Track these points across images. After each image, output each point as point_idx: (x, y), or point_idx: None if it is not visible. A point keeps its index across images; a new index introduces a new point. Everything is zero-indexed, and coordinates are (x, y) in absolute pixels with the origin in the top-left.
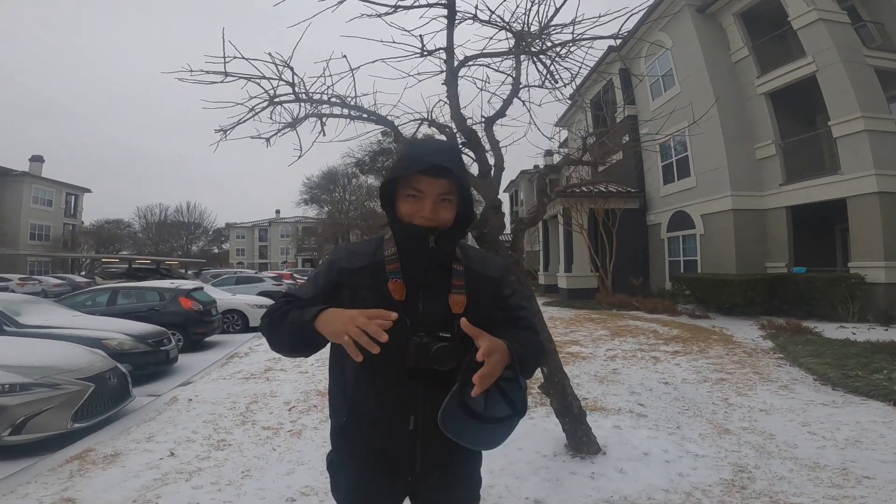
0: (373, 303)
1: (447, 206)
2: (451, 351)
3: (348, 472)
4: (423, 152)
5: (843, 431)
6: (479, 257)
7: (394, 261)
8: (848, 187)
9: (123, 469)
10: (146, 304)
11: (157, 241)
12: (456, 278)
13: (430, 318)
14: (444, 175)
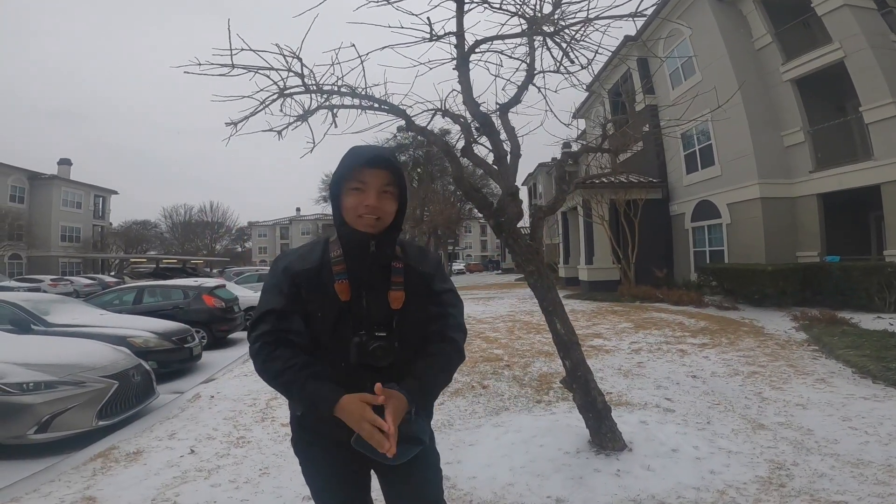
0: (320, 303)
1: (389, 197)
2: (387, 349)
3: (311, 455)
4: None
5: (887, 426)
6: (417, 253)
7: (339, 262)
8: (881, 173)
9: (145, 467)
10: (171, 303)
11: (182, 241)
12: (395, 276)
13: (373, 315)
14: (384, 167)
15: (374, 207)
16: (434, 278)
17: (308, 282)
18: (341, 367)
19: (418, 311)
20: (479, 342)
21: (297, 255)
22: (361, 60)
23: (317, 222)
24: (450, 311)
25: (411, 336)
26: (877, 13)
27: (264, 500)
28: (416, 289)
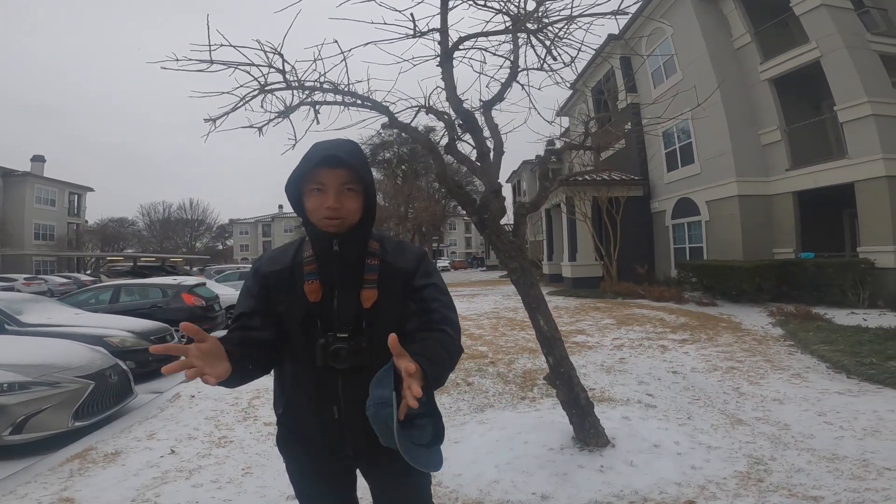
0: (289, 304)
1: (351, 195)
2: (350, 350)
3: (294, 453)
4: (322, 148)
5: (861, 421)
6: (395, 248)
7: (311, 262)
8: (856, 172)
9: (123, 468)
10: (149, 301)
11: (161, 239)
12: (368, 273)
13: (343, 315)
14: (342, 165)
15: (335, 209)
16: (414, 274)
17: (277, 283)
18: (311, 370)
19: (393, 309)
20: (463, 339)
21: (269, 256)
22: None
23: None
24: (433, 305)
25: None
26: (853, 13)
27: (247, 500)
28: (392, 286)
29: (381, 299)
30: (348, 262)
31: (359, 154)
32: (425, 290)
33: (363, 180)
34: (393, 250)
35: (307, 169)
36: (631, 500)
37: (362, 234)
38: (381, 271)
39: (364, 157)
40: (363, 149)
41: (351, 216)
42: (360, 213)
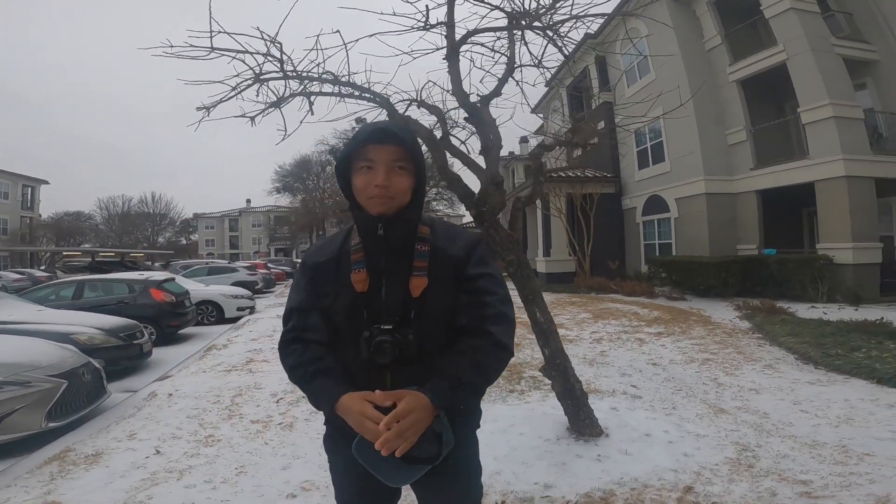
0: (335, 296)
1: (401, 173)
2: (395, 343)
3: (340, 454)
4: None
5: (834, 409)
6: (447, 234)
7: (358, 250)
8: (816, 171)
9: (108, 469)
10: (115, 297)
11: (120, 234)
12: (418, 260)
13: (390, 305)
14: (392, 141)
15: (383, 186)
16: (466, 261)
17: (324, 274)
18: (356, 365)
19: (443, 299)
20: None
21: (317, 246)
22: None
23: (268, 214)
24: (485, 298)
25: (435, 328)
26: (820, 16)
27: (245, 500)
28: (443, 274)
29: (431, 288)
30: (396, 247)
31: (411, 132)
32: (479, 281)
33: (414, 158)
34: (444, 235)
35: (356, 146)
36: (632, 486)
37: (410, 217)
38: (432, 258)
39: (416, 137)
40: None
41: (401, 196)
42: (409, 194)
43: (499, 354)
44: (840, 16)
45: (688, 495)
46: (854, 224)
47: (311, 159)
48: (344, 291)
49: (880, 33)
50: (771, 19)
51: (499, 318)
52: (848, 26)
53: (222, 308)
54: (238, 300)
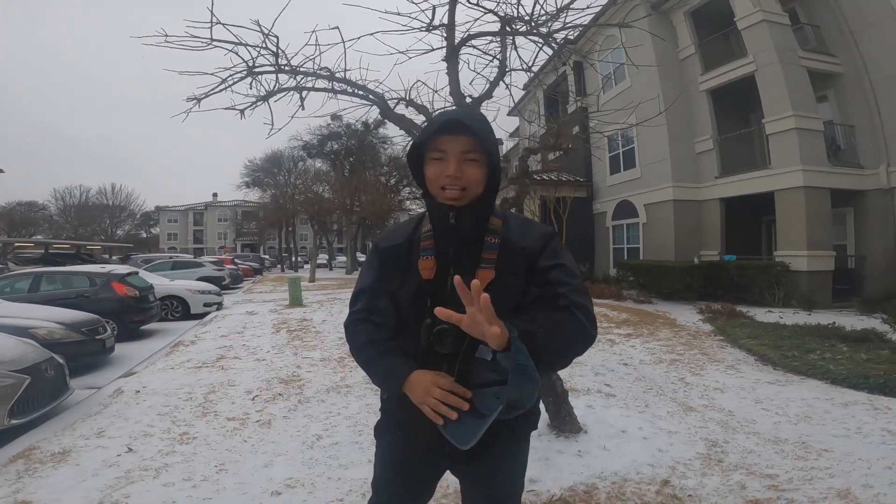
0: (401, 281)
1: (473, 165)
2: (452, 334)
3: (387, 441)
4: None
5: (793, 408)
6: (520, 226)
7: (428, 237)
8: (777, 181)
9: (78, 467)
10: (74, 290)
11: (76, 225)
12: (487, 252)
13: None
14: (464, 132)
15: (455, 178)
16: (539, 254)
17: (393, 259)
18: (416, 352)
19: (510, 293)
20: None
21: (390, 231)
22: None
23: (236, 209)
24: (559, 290)
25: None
26: (789, 29)
27: (228, 498)
28: (513, 267)
29: (498, 281)
30: (466, 237)
31: (483, 122)
32: (551, 273)
33: (487, 150)
34: (517, 228)
35: (428, 136)
36: (612, 480)
37: (483, 209)
38: (502, 250)
39: (489, 126)
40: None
41: (473, 187)
42: (482, 186)
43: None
44: (808, 28)
45: (665, 488)
46: (810, 233)
47: (284, 154)
48: (411, 277)
49: (845, 46)
50: (743, 30)
51: (575, 305)
52: (815, 39)
53: (188, 303)
54: (205, 296)
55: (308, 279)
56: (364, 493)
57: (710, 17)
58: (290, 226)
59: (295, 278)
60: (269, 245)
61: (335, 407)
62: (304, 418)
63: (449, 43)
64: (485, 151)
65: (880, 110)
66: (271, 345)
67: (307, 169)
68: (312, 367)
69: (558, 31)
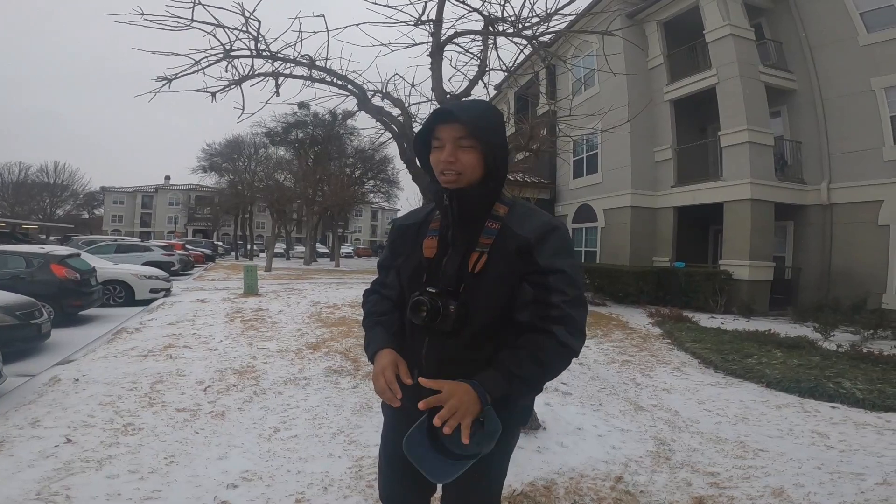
0: (406, 257)
1: (467, 150)
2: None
3: (386, 414)
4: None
5: (732, 409)
6: (521, 214)
7: (437, 219)
8: (726, 193)
9: (12, 458)
10: (8, 272)
11: (13, 203)
12: (485, 236)
13: (446, 273)
14: (453, 120)
15: (449, 162)
16: (537, 248)
17: (405, 236)
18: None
19: (499, 279)
20: None
21: (412, 210)
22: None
23: (189, 193)
24: (552, 298)
25: (484, 306)
26: (753, 44)
27: (180, 491)
28: (505, 254)
29: (490, 266)
30: (465, 220)
31: (480, 112)
32: (548, 278)
33: (477, 136)
34: (520, 216)
35: (429, 126)
36: (570, 476)
37: (480, 193)
38: (499, 236)
39: (487, 116)
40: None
41: (469, 172)
42: (478, 171)
43: (560, 352)
44: (771, 44)
45: (619, 484)
46: (753, 243)
47: (245, 140)
48: (414, 255)
49: (803, 63)
50: (710, 43)
51: (564, 319)
52: (776, 54)
53: (133, 289)
54: (152, 281)
55: (264, 268)
56: (325, 486)
57: (680, 28)
58: (248, 213)
59: (251, 266)
60: (223, 232)
61: (293, 399)
62: (260, 410)
63: (435, 39)
64: (475, 137)
65: (827, 128)
66: (224, 334)
67: (269, 156)
68: (269, 359)
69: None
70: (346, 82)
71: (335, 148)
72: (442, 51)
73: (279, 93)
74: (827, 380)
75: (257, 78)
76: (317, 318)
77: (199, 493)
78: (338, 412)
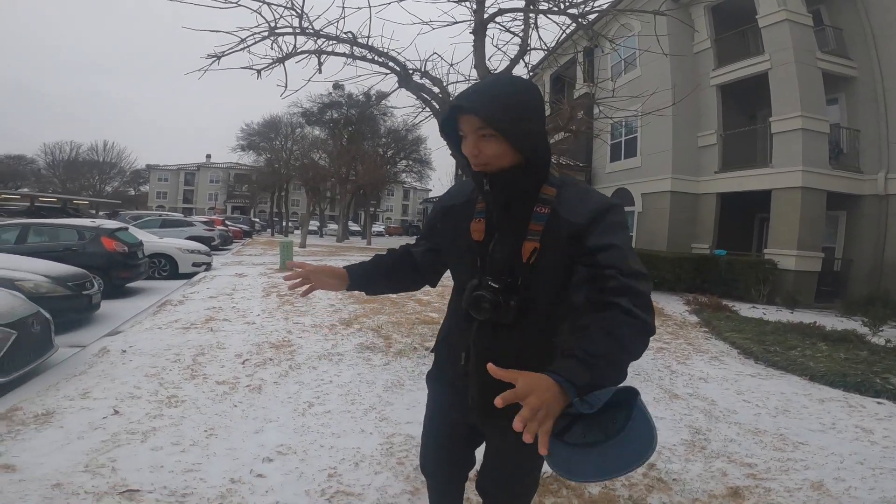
0: (454, 238)
1: (489, 140)
2: (493, 302)
3: (433, 386)
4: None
5: (772, 401)
6: (573, 197)
7: (483, 200)
8: (776, 180)
9: (62, 430)
10: (61, 244)
11: (64, 180)
12: (535, 223)
13: (497, 262)
14: (466, 112)
15: (474, 154)
16: (588, 231)
17: (449, 216)
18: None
19: (554, 268)
20: (412, 304)
21: (454, 189)
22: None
23: (229, 171)
24: (606, 272)
25: (541, 297)
26: (811, 30)
27: (218, 463)
28: (558, 242)
29: (544, 255)
30: (510, 205)
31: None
32: (599, 255)
33: (494, 125)
34: (569, 199)
35: (446, 118)
36: None
37: (517, 178)
38: (550, 222)
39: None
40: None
41: (494, 161)
42: (508, 158)
43: (631, 323)
44: (830, 30)
45: (651, 471)
46: (802, 233)
47: (282, 120)
48: (462, 236)
49: (865, 50)
50: (763, 28)
51: (624, 290)
52: (835, 41)
53: (176, 262)
54: (194, 255)
55: (298, 244)
56: (357, 462)
57: (729, 13)
58: (283, 191)
59: (287, 242)
60: (259, 209)
61: (327, 375)
62: (295, 385)
63: (478, 16)
64: (493, 125)
65: (888, 117)
66: (261, 308)
67: (304, 136)
68: (304, 333)
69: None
70: (387, 59)
71: (369, 128)
72: (485, 28)
73: (321, 70)
74: (874, 375)
75: (300, 55)
76: (349, 294)
77: (236, 467)
78: (370, 388)
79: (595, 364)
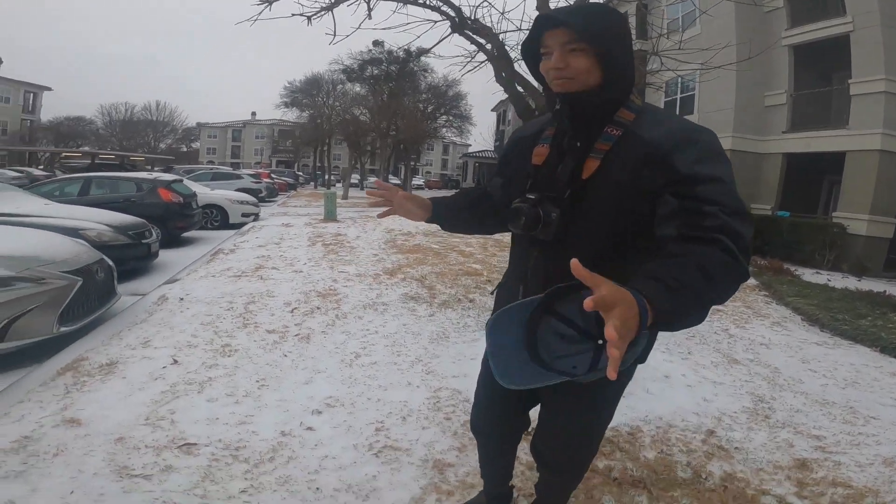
0: (516, 166)
1: (578, 54)
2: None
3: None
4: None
5: (841, 372)
6: (653, 119)
7: (552, 127)
8: (851, 142)
9: (125, 381)
10: (121, 195)
11: (121, 139)
12: (602, 142)
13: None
14: (558, 25)
15: (557, 69)
16: (675, 155)
17: (519, 146)
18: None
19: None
20: (455, 255)
21: (531, 122)
22: None
23: (273, 127)
24: (706, 208)
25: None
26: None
27: (269, 415)
28: (627, 162)
29: (603, 173)
30: (581, 126)
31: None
32: (698, 187)
33: (586, 38)
34: (648, 120)
35: (533, 35)
36: (657, 425)
37: (596, 99)
38: (619, 142)
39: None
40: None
41: (581, 76)
42: (594, 75)
43: (728, 264)
44: None
45: (711, 438)
46: (876, 197)
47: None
48: (524, 163)
49: None
50: None
51: (725, 229)
52: None
53: (227, 213)
54: (243, 206)
55: (341, 196)
56: (404, 416)
57: None
58: (326, 145)
59: (331, 193)
60: (303, 163)
61: (372, 325)
62: (341, 335)
63: None
64: (585, 41)
65: None
66: (308, 257)
67: (346, 92)
68: (348, 283)
69: None
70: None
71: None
72: None
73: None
74: None
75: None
76: (392, 244)
77: (287, 419)
78: (415, 340)
79: (680, 294)
